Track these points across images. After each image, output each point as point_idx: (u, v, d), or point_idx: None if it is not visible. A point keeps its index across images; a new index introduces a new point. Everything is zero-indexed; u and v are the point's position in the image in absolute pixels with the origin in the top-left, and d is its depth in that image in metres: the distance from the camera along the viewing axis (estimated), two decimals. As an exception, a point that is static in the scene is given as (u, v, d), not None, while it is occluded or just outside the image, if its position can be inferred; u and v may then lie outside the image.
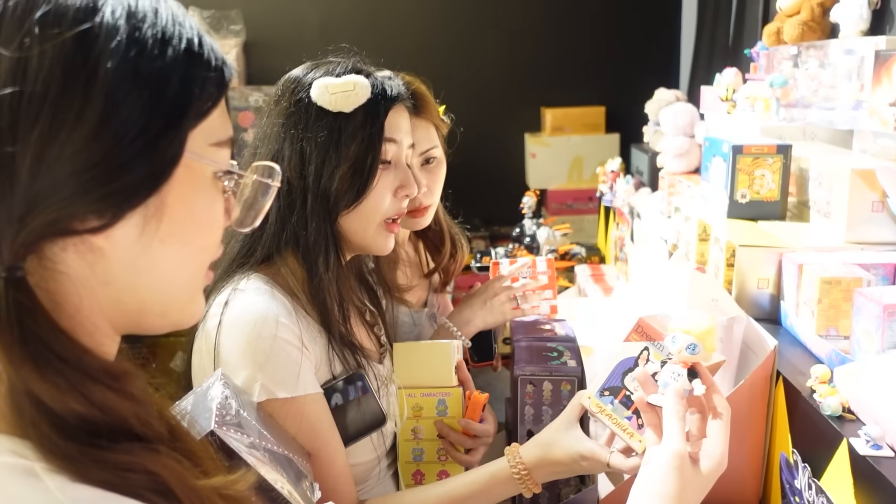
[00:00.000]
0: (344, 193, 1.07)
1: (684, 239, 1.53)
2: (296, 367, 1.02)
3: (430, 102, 1.40)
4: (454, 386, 1.20)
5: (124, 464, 0.51)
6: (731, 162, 1.36)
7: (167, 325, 0.61)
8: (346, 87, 1.06)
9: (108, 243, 0.53)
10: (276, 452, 0.92)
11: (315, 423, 1.05)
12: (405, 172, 1.14)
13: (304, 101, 1.07)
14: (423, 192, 1.35)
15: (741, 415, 1.02)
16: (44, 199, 0.49)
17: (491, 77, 3.53)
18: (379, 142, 1.08)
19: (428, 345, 1.23)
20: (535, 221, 2.33)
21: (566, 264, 2.25)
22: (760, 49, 1.73)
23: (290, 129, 1.07)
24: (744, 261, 1.19)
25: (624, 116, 3.25)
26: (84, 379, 0.51)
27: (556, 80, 3.51)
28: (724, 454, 0.82)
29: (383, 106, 1.09)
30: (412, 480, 1.22)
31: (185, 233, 0.57)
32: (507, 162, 3.61)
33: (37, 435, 0.49)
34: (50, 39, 0.48)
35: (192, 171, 0.57)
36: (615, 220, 2.18)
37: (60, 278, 0.52)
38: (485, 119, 3.45)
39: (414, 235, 1.62)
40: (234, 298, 1.03)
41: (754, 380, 1.01)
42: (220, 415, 0.85)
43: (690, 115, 1.94)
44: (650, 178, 2.13)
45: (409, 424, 1.20)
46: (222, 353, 1.00)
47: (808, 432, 0.93)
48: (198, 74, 0.56)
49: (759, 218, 1.36)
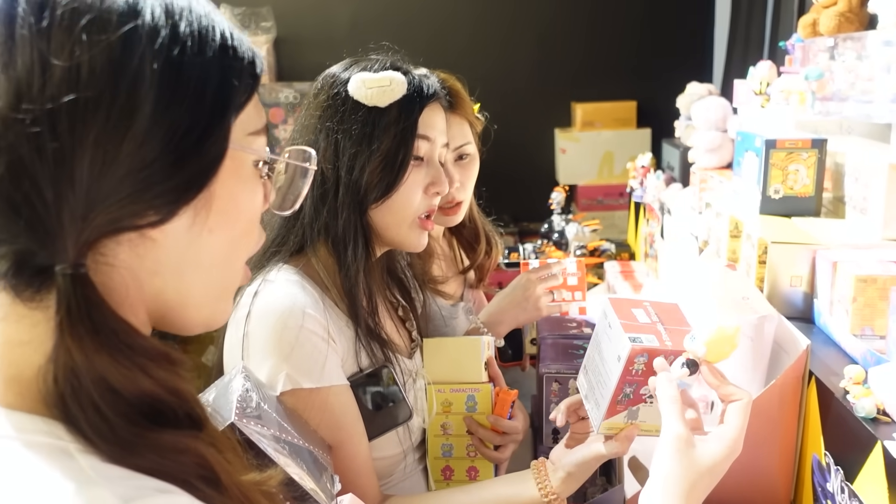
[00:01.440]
0: (374, 187, 1.09)
1: (715, 235, 1.50)
2: (321, 358, 1.03)
3: (465, 99, 1.41)
4: (484, 382, 1.19)
5: (177, 447, 0.52)
6: (763, 157, 1.33)
7: (201, 321, 0.63)
8: (383, 82, 1.07)
9: (162, 235, 0.54)
10: (296, 445, 0.92)
11: (339, 416, 1.05)
12: (437, 170, 1.15)
13: (342, 94, 1.09)
14: (455, 187, 1.35)
15: (772, 415, 1.00)
16: (104, 198, 0.50)
17: (521, 72, 3.52)
18: (412, 138, 1.10)
19: (458, 340, 1.23)
20: (564, 217, 2.32)
21: (595, 261, 2.22)
22: (796, 41, 1.70)
23: (325, 121, 1.10)
24: (776, 258, 1.16)
25: (655, 111, 3.21)
26: (149, 362, 0.53)
27: (586, 74, 3.48)
28: (738, 439, 0.80)
29: (418, 103, 1.11)
30: (441, 476, 1.22)
31: (231, 221, 0.59)
32: (536, 158, 3.59)
33: (93, 419, 0.50)
34: (97, 45, 0.50)
35: (236, 162, 0.59)
36: (645, 216, 2.15)
37: (111, 271, 0.53)
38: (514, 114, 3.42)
39: (448, 232, 1.63)
40: (263, 289, 1.05)
41: (786, 380, 0.98)
42: (240, 407, 0.86)
43: (723, 110, 1.91)
44: (681, 173, 2.10)
45: (438, 420, 1.20)
46: (250, 342, 1.02)
47: (841, 434, 0.90)
48: (234, 67, 0.58)
49: (792, 214, 1.33)
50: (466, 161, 1.43)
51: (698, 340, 0.84)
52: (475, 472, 1.21)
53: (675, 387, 0.82)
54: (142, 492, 0.49)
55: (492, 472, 1.21)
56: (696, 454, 0.78)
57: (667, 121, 2.55)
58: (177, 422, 0.53)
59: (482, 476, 1.20)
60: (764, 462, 1.04)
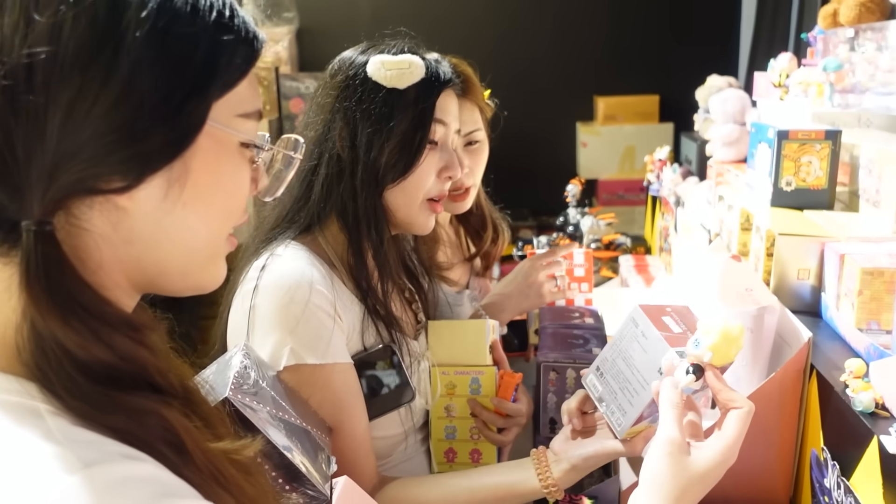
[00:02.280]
0: (392, 167, 1.09)
1: (727, 228, 1.47)
2: (327, 335, 1.03)
3: (476, 85, 1.40)
4: (488, 364, 1.19)
5: (143, 409, 0.53)
6: (776, 148, 1.30)
7: (188, 287, 0.63)
8: (402, 64, 1.08)
9: (133, 204, 0.54)
10: (292, 424, 0.92)
11: (341, 393, 1.05)
12: (451, 155, 1.15)
13: (360, 75, 1.10)
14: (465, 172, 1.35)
15: (771, 409, 0.98)
16: (71, 157, 0.51)
17: (543, 65, 3.49)
18: (429, 120, 1.10)
19: (463, 323, 1.22)
20: (580, 210, 2.30)
21: (610, 254, 2.20)
22: (818, 33, 1.66)
23: (343, 101, 1.10)
24: (784, 250, 1.14)
25: (679, 105, 3.16)
26: (106, 328, 0.53)
27: (609, 67, 3.45)
28: (733, 448, 0.77)
29: (436, 87, 1.11)
30: (444, 458, 1.21)
31: (207, 198, 0.59)
32: (557, 151, 3.57)
33: (59, 376, 0.51)
34: (82, 5, 0.50)
35: (217, 140, 0.59)
36: (661, 210, 2.13)
37: (84, 235, 0.54)
38: (536, 107, 3.41)
39: (455, 220, 1.62)
40: (271, 262, 1.05)
41: (786, 373, 0.96)
42: (236, 383, 0.86)
43: (741, 102, 1.87)
44: (698, 167, 2.07)
45: (442, 402, 1.19)
46: (256, 315, 1.02)
47: (839, 429, 0.88)
48: (225, 45, 0.57)
49: (804, 207, 1.30)
50: (476, 147, 1.42)
51: (703, 345, 0.81)
52: (478, 455, 1.21)
53: (678, 392, 0.80)
54: (106, 456, 0.49)
55: (495, 454, 1.21)
56: (687, 460, 0.76)
57: (689, 115, 2.51)
58: (138, 388, 0.53)
59: (485, 458, 1.19)
60: (762, 457, 1.02)
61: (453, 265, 1.52)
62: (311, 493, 0.84)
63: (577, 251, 1.52)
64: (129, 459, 0.50)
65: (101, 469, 0.47)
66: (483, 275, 1.64)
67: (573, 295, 1.48)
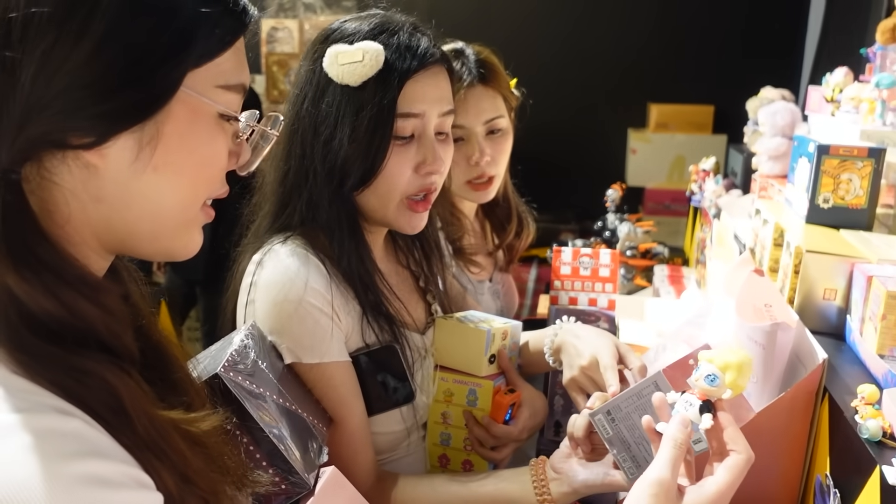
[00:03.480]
0: (351, 174, 1.01)
1: (760, 243, 1.43)
2: (322, 333, 1.01)
3: (499, 73, 1.38)
4: (484, 377, 1.15)
5: (83, 368, 0.53)
6: (815, 163, 1.25)
7: (159, 253, 0.64)
8: (355, 56, 0.97)
9: (103, 163, 0.56)
10: (287, 409, 0.92)
11: (340, 391, 1.04)
12: (430, 147, 1.04)
13: (318, 69, 1.02)
14: (486, 161, 1.33)
15: (778, 430, 0.95)
16: (40, 109, 0.52)
17: (599, 68, 3.44)
18: (389, 119, 0.99)
19: (466, 329, 1.17)
20: (619, 216, 2.26)
21: (645, 263, 2.16)
22: (877, 49, 1.59)
23: (304, 98, 1.03)
24: (811, 267, 1.10)
25: (734, 118, 3.07)
26: (58, 282, 0.54)
27: (666, 74, 3.38)
28: (725, 496, 0.73)
29: (398, 78, 0.99)
30: (437, 463, 1.20)
31: (178, 165, 0.59)
32: (606, 156, 3.51)
33: (3, 323, 0.52)
34: None
35: (192, 108, 0.59)
36: (700, 222, 2.07)
37: (54, 189, 0.55)
38: (588, 111, 3.37)
39: (481, 212, 1.61)
40: (268, 259, 1.03)
41: (797, 393, 0.92)
42: (231, 361, 0.87)
43: (791, 116, 1.81)
44: (743, 179, 2.01)
45: (439, 408, 1.17)
46: (255, 311, 1.02)
47: (845, 456, 0.84)
48: (208, 16, 0.57)
49: (841, 226, 1.25)
50: (498, 135, 1.39)
51: (721, 382, 0.78)
52: (469, 466, 1.18)
53: (686, 434, 0.76)
54: (37, 407, 0.49)
55: (486, 468, 1.17)
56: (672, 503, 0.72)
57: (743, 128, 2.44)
58: (85, 347, 0.54)
59: (477, 470, 1.16)
60: (767, 479, 0.98)
61: (477, 253, 1.50)
62: (292, 480, 0.84)
63: (603, 251, 1.49)
64: (59, 413, 0.50)
65: (27, 417, 0.48)
66: (506, 269, 1.63)
67: (596, 295, 1.45)
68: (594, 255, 1.50)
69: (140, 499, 0.52)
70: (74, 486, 0.47)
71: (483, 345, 1.14)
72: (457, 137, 1.35)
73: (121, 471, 0.51)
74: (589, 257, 1.49)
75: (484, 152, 1.16)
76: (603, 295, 1.47)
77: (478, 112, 1.37)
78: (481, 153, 1.27)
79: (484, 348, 1.14)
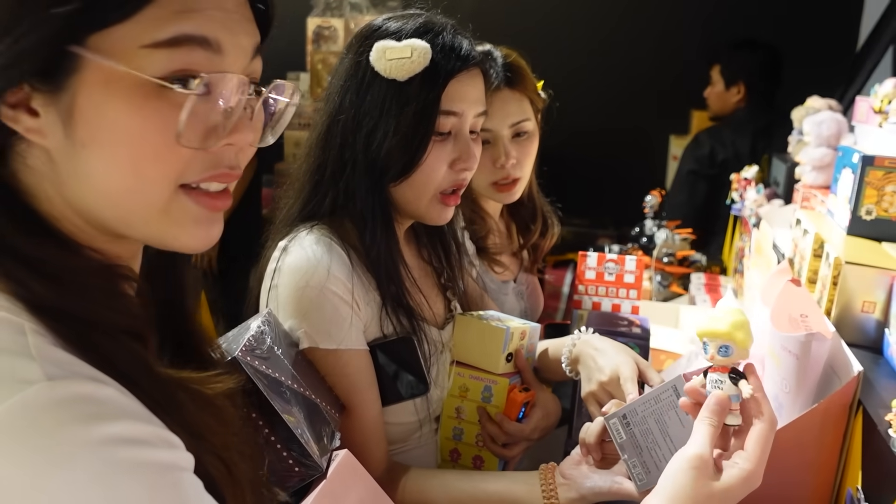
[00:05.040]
0: (392, 165, 1.04)
1: (800, 253, 1.41)
2: (341, 321, 1.03)
3: (526, 76, 1.39)
4: (501, 374, 1.16)
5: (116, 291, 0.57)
6: (858, 174, 1.23)
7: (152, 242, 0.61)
8: (403, 52, 1.00)
9: (43, 140, 0.54)
10: (301, 394, 0.93)
11: (353, 379, 1.05)
12: (465, 145, 1.08)
13: (363, 62, 1.04)
14: (511, 164, 1.34)
15: (810, 441, 0.94)
16: None
17: (642, 74, 3.42)
18: (433, 115, 1.02)
19: (485, 326, 1.18)
20: (657, 222, 2.25)
21: (682, 270, 2.14)
22: (929, 59, 1.56)
23: (347, 90, 1.05)
24: (850, 279, 1.08)
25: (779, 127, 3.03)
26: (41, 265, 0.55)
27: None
28: (758, 471, 0.73)
29: (442, 76, 1.02)
30: (449, 457, 1.21)
31: (104, 141, 0.54)
32: (648, 162, 3.49)
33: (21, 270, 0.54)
34: None
35: (105, 75, 0.52)
36: (740, 230, 2.05)
37: (28, 170, 0.56)
38: (631, 116, 3.35)
39: (506, 212, 1.61)
40: (293, 245, 1.05)
41: (830, 405, 0.92)
42: (248, 346, 0.89)
43: (837, 126, 1.78)
44: (785, 189, 1.98)
45: (453, 402, 1.18)
46: (277, 296, 1.04)
47: (877, 470, 0.84)
48: None
49: (883, 238, 1.23)
50: (524, 138, 1.40)
51: (734, 349, 0.78)
52: (480, 462, 1.19)
53: (720, 410, 0.76)
54: (71, 374, 0.51)
55: (496, 465, 1.18)
56: (711, 477, 0.73)
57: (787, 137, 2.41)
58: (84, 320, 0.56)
59: (486, 468, 1.17)
60: (798, 489, 0.98)
61: (502, 252, 1.51)
62: (306, 463, 0.86)
63: (629, 258, 1.49)
64: (93, 381, 0.51)
65: (60, 384, 0.49)
66: (531, 270, 1.63)
67: (620, 301, 1.45)
68: (619, 261, 1.50)
69: (174, 457, 0.54)
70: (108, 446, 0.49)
71: (501, 342, 1.15)
72: (483, 140, 1.35)
73: (154, 432, 0.52)
74: (614, 263, 1.48)
75: (510, 155, 1.17)
76: (627, 301, 1.47)
77: (504, 115, 1.38)
78: (507, 156, 1.28)
79: (502, 346, 1.16)
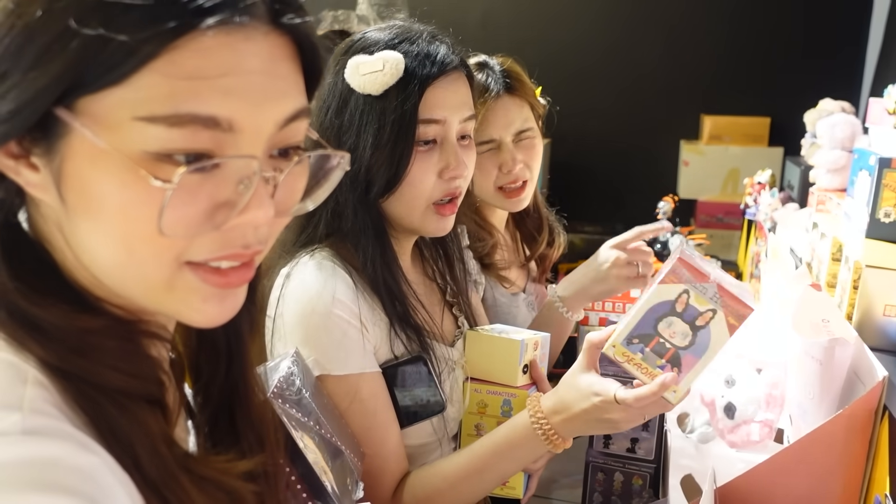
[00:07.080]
0: (376, 181, 1.03)
1: (818, 257, 1.40)
2: (351, 345, 1.01)
3: (525, 82, 1.41)
4: (520, 387, 1.15)
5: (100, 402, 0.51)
6: (876, 176, 1.23)
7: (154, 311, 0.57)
8: (375, 66, 0.99)
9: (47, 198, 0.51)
10: (328, 440, 0.91)
11: (369, 403, 1.03)
12: (453, 152, 1.05)
13: (340, 80, 1.03)
14: (519, 167, 1.35)
15: (836, 447, 0.93)
16: None
17: (650, 79, 3.41)
18: (412, 125, 1.01)
19: (496, 339, 1.17)
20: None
21: (697, 276, 2.13)
22: (943, 59, 1.55)
23: (327, 110, 1.04)
24: (871, 283, 1.07)
25: (790, 130, 3.01)
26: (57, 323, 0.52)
27: (720, 85, 3.33)
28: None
29: (417, 85, 1.00)
30: None
31: (93, 213, 0.50)
32: (659, 168, 3.47)
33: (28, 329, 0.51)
34: None
35: (90, 146, 0.48)
36: (755, 235, 2.04)
37: (43, 220, 0.54)
38: (640, 122, 3.34)
39: (512, 223, 1.61)
40: (296, 272, 1.03)
41: (855, 411, 0.91)
42: (279, 388, 0.86)
43: (851, 128, 1.77)
44: (800, 193, 1.98)
45: (472, 420, 1.17)
46: (283, 323, 1.01)
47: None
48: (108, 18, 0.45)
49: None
50: (529, 141, 1.40)
51: None
52: None
53: None
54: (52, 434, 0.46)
55: (522, 479, 1.16)
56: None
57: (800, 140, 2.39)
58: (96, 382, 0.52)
59: (511, 481, 1.15)
60: (825, 496, 0.97)
61: (509, 266, 1.51)
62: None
63: None
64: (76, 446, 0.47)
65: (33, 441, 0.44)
66: (539, 280, 1.63)
67: None
68: None
69: None
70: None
71: (517, 355, 1.14)
72: (488, 148, 1.37)
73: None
74: None
75: (516, 158, 1.18)
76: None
77: (507, 122, 1.38)
78: (513, 160, 1.29)
79: (518, 358, 1.14)
